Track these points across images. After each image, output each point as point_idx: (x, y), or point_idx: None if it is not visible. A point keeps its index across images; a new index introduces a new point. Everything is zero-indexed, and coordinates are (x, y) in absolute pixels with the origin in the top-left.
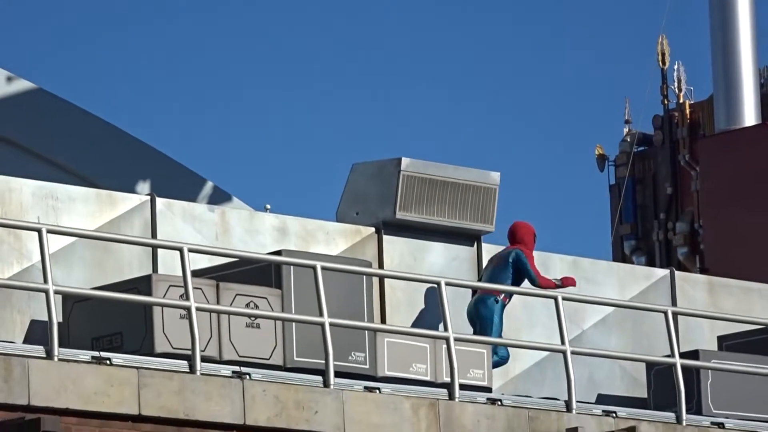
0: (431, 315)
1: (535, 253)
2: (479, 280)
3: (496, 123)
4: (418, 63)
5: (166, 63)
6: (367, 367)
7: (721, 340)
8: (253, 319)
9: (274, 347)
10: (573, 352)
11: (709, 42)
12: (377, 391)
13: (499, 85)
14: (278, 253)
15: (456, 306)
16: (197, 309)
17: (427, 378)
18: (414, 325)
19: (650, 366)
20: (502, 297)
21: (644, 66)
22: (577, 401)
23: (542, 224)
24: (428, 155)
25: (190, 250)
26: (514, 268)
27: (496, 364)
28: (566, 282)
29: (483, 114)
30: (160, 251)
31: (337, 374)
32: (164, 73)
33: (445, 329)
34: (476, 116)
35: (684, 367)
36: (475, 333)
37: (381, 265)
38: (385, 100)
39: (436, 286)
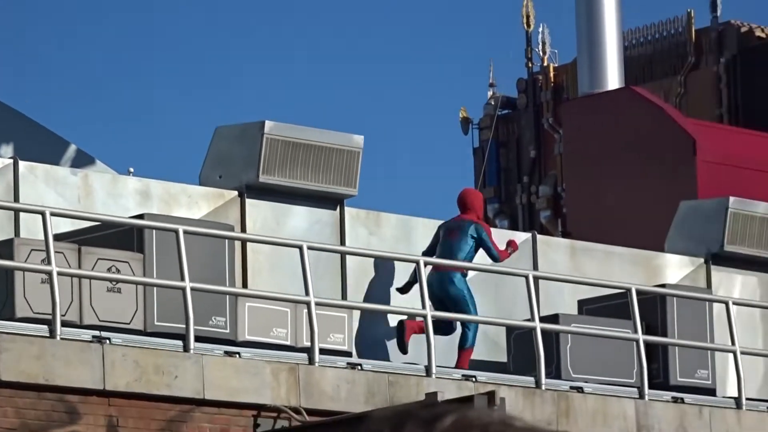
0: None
1: (399, 218)
2: (430, 252)
3: (361, 86)
4: (282, 25)
5: (25, 22)
6: (228, 331)
7: (582, 304)
8: (114, 283)
9: (135, 311)
10: (434, 317)
11: (573, 5)
12: (237, 355)
13: (363, 48)
14: (140, 216)
15: (318, 271)
16: (58, 273)
17: (288, 342)
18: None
19: (510, 330)
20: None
21: (509, 28)
22: (437, 366)
23: (406, 188)
24: (292, 119)
25: (52, 214)
26: (475, 243)
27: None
28: (513, 245)
29: (347, 77)
30: (22, 215)
31: (198, 339)
32: (24, 33)
33: (306, 294)
34: (340, 79)
35: (544, 332)
36: (443, 310)
37: (243, 229)
38: (251, 62)
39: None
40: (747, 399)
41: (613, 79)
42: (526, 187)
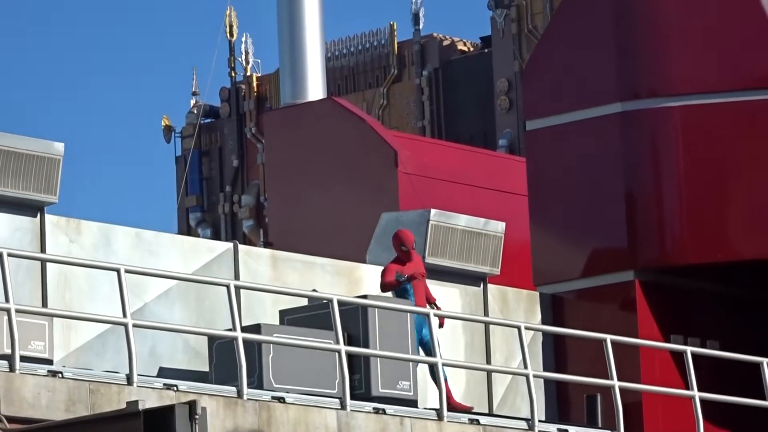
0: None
1: (100, 226)
2: None
3: (62, 92)
4: None
5: None
6: None
7: (283, 314)
8: None
9: None
10: (135, 325)
11: (275, 15)
12: None
13: (65, 54)
14: None
15: (18, 278)
16: None
17: None
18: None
19: (212, 339)
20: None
21: (212, 37)
22: (139, 374)
23: (107, 196)
24: None
25: None
26: None
27: None
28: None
29: (48, 82)
30: None
31: None
32: None
33: (7, 300)
34: (41, 85)
35: (245, 341)
36: None
37: None
38: None
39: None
40: (448, 410)
41: (315, 89)
42: (229, 197)
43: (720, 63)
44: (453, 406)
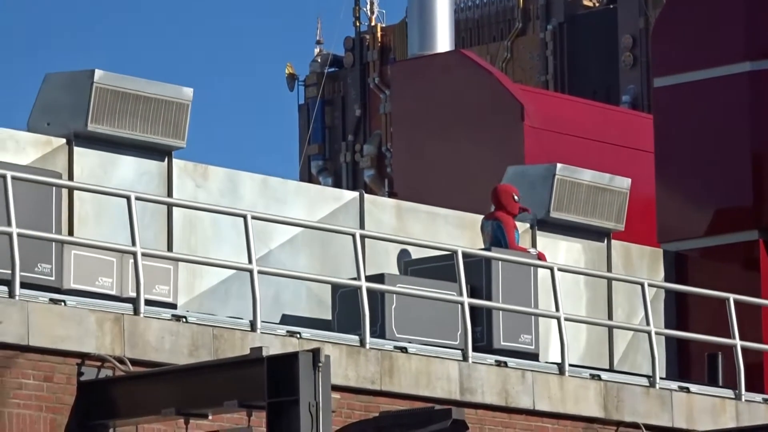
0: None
1: (226, 171)
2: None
3: (191, 39)
4: None
5: None
6: (53, 279)
7: (407, 264)
8: None
9: None
10: (260, 272)
11: None
12: (63, 303)
13: (193, 1)
14: None
15: (144, 222)
16: None
17: (113, 292)
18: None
19: (336, 288)
20: None
21: None
22: (262, 321)
23: (233, 142)
24: (123, 69)
25: None
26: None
27: None
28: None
29: (177, 30)
30: None
31: (23, 285)
32: None
33: (133, 244)
34: (171, 32)
35: (369, 290)
36: None
37: (71, 177)
38: (79, 11)
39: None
40: (569, 365)
41: (443, 41)
42: (351, 146)
43: None
44: None
